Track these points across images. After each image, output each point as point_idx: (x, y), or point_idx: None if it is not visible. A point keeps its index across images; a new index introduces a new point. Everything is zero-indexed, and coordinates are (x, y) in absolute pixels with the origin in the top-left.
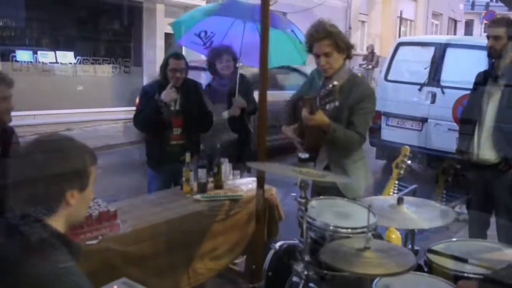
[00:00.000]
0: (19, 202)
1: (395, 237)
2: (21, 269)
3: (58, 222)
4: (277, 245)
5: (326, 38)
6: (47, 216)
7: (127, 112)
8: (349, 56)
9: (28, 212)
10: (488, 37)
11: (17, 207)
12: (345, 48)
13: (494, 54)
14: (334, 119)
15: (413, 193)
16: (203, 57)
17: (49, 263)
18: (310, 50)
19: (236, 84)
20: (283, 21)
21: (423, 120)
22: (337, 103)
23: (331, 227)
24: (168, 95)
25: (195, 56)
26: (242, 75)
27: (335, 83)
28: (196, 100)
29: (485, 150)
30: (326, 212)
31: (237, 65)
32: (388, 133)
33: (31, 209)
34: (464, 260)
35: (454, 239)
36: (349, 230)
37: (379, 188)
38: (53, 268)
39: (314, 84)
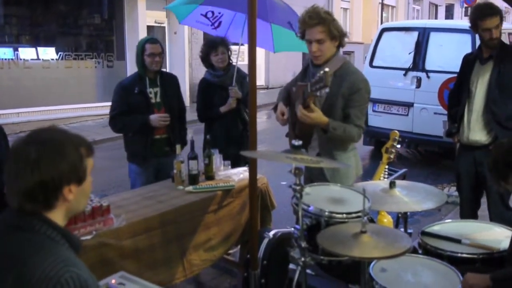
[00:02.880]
0: (16, 198)
1: (387, 221)
2: (23, 264)
3: (57, 216)
4: (271, 233)
5: (320, 25)
6: (45, 211)
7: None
8: (342, 44)
9: (25, 208)
10: (485, 30)
11: (14, 203)
12: (338, 35)
13: (493, 44)
14: (328, 108)
15: (403, 177)
16: None
17: (50, 256)
18: (302, 36)
19: (234, 75)
20: (281, 12)
21: (409, 105)
22: (327, 90)
23: (326, 213)
24: (158, 122)
25: None
26: (237, 67)
27: (326, 69)
28: (175, 92)
29: (475, 131)
30: (320, 198)
31: (232, 54)
32: (375, 119)
33: (28, 205)
34: (457, 241)
35: (447, 221)
36: (344, 215)
37: (368, 174)
38: (55, 262)
39: (308, 72)
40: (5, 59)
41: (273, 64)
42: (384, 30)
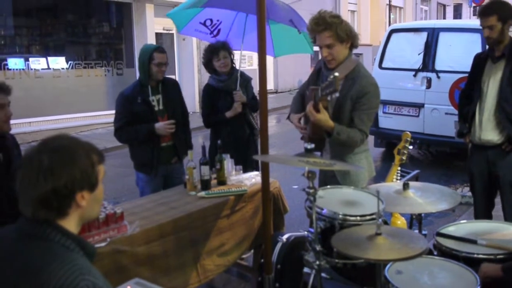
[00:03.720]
0: (29, 206)
1: (401, 223)
2: (38, 273)
3: (70, 223)
4: (285, 237)
5: (326, 30)
6: (59, 219)
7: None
8: (354, 45)
9: (39, 215)
10: (483, 27)
11: (28, 211)
12: (347, 37)
13: (492, 42)
14: (338, 110)
15: (416, 179)
16: None
17: (66, 265)
18: (314, 41)
19: (237, 79)
20: (282, 11)
21: (420, 106)
22: (337, 94)
23: (340, 216)
24: (164, 130)
25: None
26: (240, 71)
27: (336, 74)
28: (177, 97)
29: (487, 131)
30: (333, 201)
31: (234, 57)
32: (385, 121)
33: (42, 213)
34: (473, 242)
35: (462, 221)
36: (358, 217)
37: (380, 176)
38: (70, 270)
39: (321, 74)
40: (16, 69)
41: (282, 68)
42: (392, 31)
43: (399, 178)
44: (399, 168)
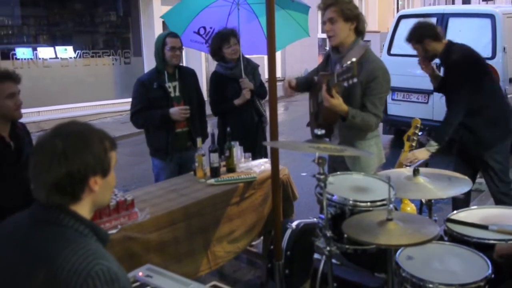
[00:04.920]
0: (43, 192)
1: (410, 209)
2: (53, 258)
3: (83, 209)
4: (294, 224)
5: (332, 5)
6: (72, 204)
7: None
8: (360, 29)
9: (53, 200)
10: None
11: (41, 197)
12: (351, 17)
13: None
14: (348, 96)
15: (426, 165)
16: None
17: (80, 250)
18: (324, 22)
19: (245, 66)
20: None
21: (429, 93)
22: (355, 80)
23: (351, 202)
24: (178, 115)
25: None
26: (247, 58)
27: (354, 59)
28: (194, 85)
29: None
30: (344, 187)
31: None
32: (394, 108)
33: (56, 198)
34: (484, 227)
35: (473, 207)
36: (369, 203)
37: (389, 162)
38: (85, 255)
39: (330, 61)
40: (25, 59)
41: (289, 56)
42: (401, 17)
43: (409, 164)
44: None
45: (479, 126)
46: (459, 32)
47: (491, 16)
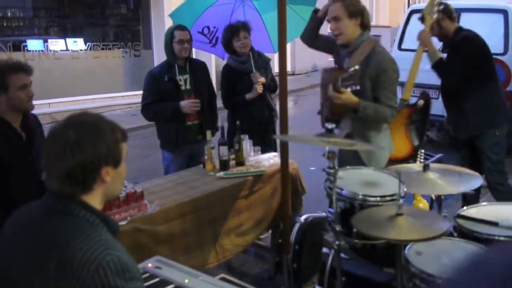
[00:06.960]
0: (55, 181)
1: (423, 205)
2: (65, 247)
3: (95, 200)
4: (303, 218)
5: (336, 2)
6: (83, 194)
7: (140, 96)
8: (365, 24)
9: (65, 190)
10: None
11: (53, 186)
12: (355, 12)
13: None
14: (357, 91)
15: (439, 162)
16: None
17: (91, 240)
18: (329, 21)
19: (256, 60)
20: None
21: (440, 88)
22: (358, 87)
23: (360, 196)
24: (189, 107)
25: None
26: (259, 52)
27: (356, 67)
28: (205, 78)
29: None
30: (353, 182)
31: None
32: None
33: (68, 187)
34: (494, 224)
35: (483, 204)
36: (378, 198)
37: None
38: (96, 245)
39: (340, 54)
40: (36, 50)
41: (299, 51)
42: (412, 12)
43: (422, 160)
44: (423, 151)
45: (467, 110)
46: (472, 28)
47: (503, 12)
